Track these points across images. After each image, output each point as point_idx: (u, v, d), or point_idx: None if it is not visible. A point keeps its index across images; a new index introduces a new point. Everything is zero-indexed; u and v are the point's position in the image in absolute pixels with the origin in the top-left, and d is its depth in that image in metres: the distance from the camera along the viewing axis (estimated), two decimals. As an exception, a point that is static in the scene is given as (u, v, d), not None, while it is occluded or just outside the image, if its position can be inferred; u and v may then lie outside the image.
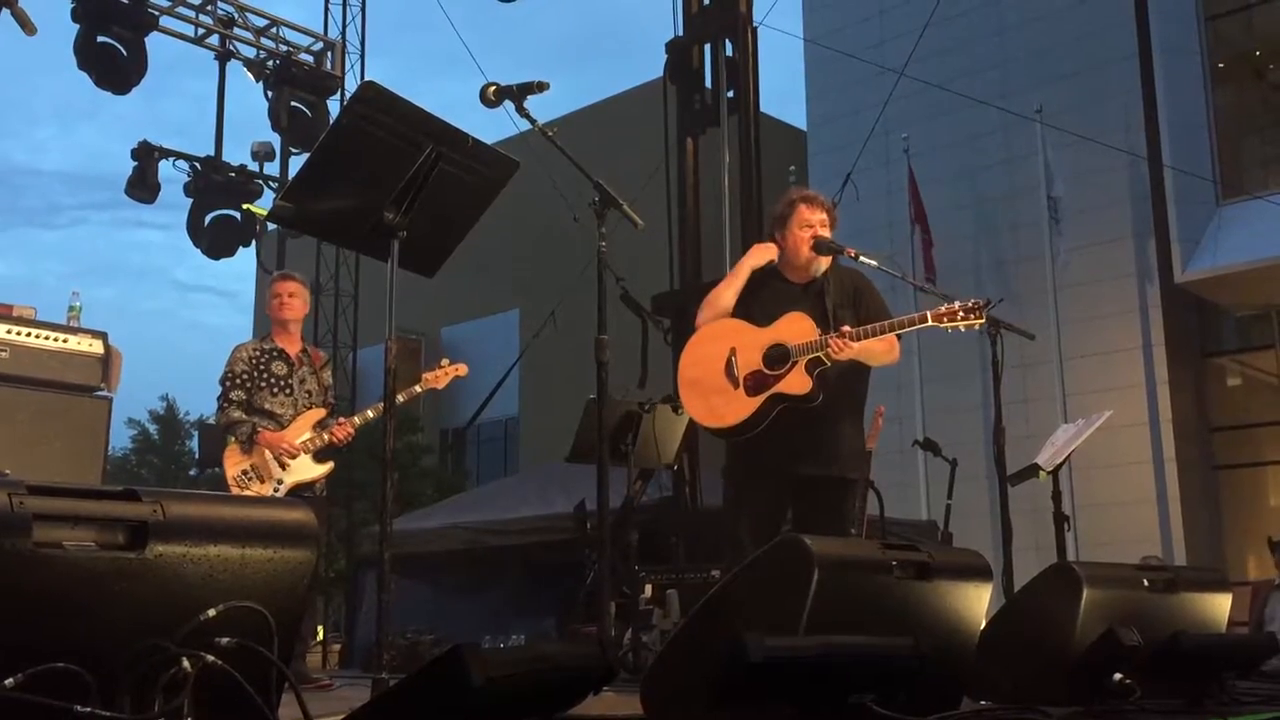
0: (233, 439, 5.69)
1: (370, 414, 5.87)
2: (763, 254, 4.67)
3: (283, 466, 5.65)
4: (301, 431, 5.75)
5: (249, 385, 5.75)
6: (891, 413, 9.84)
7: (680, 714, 2.91)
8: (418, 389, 5.89)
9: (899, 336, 4.50)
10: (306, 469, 5.74)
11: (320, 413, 5.88)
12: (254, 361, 5.81)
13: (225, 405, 5.74)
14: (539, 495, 10.54)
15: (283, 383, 5.82)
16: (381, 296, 3.95)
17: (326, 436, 5.77)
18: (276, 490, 5.57)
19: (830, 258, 4.60)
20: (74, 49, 10.05)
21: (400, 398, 5.84)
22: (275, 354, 5.88)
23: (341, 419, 5.86)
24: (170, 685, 2.07)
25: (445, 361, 6.06)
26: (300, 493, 5.63)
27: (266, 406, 5.74)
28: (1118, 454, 13.52)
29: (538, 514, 9.92)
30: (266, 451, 5.66)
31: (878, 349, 4.43)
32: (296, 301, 5.97)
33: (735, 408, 4.43)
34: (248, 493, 5.49)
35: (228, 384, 5.77)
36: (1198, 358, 15.23)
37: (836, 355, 4.27)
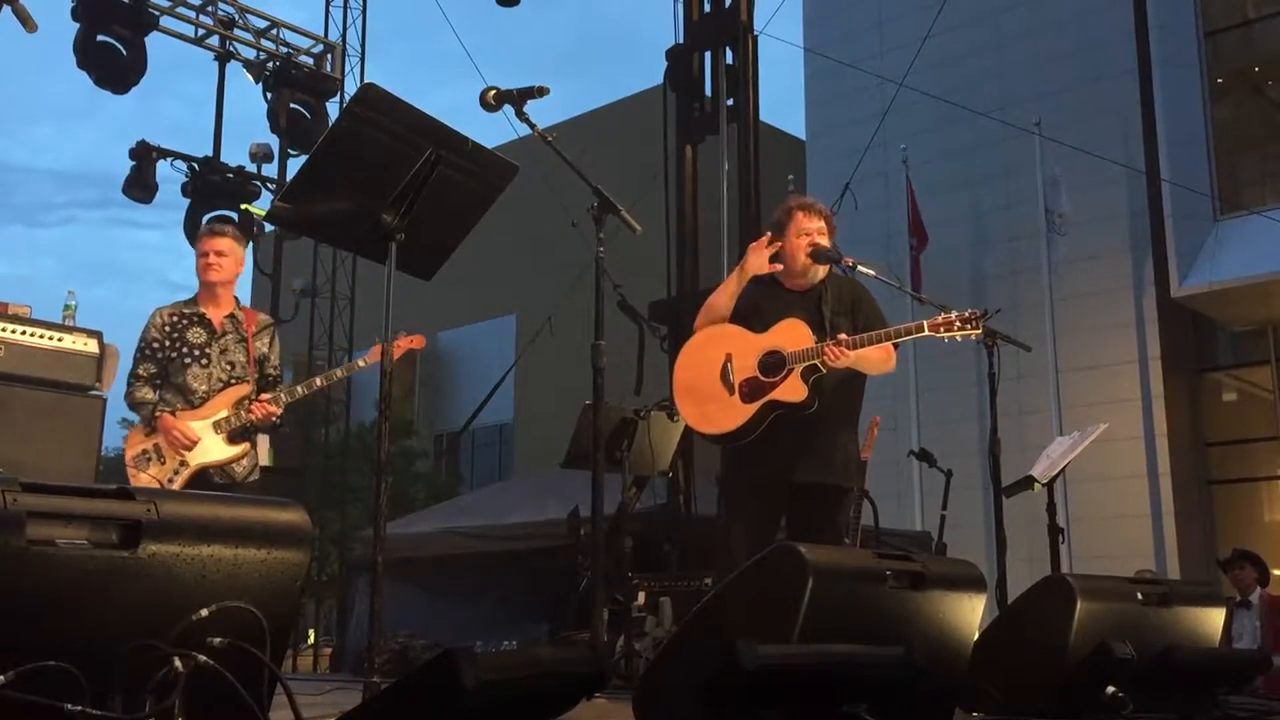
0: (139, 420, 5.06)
1: (301, 390, 5.22)
2: (758, 254, 4.61)
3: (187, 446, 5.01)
4: (218, 409, 5.03)
5: (162, 356, 5.06)
6: (887, 423, 9.84)
7: (672, 721, 2.91)
8: (361, 363, 5.29)
9: (896, 346, 4.50)
10: (215, 450, 5.01)
11: (243, 389, 5.11)
12: (168, 328, 5.08)
13: (133, 381, 5.06)
14: (533, 501, 10.52)
15: (198, 352, 5.06)
16: (378, 299, 3.95)
17: (245, 415, 5.04)
18: (177, 473, 4.94)
19: (828, 266, 4.60)
20: (74, 48, 10.05)
21: (339, 372, 5.46)
22: (195, 319, 5.12)
23: (264, 396, 5.10)
24: (162, 685, 2.06)
25: (403, 333, 5.29)
26: (211, 476, 5.01)
27: (179, 380, 5.04)
28: (1113, 467, 13.51)
29: (531, 520, 9.90)
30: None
31: (874, 358, 4.42)
32: (228, 261, 5.16)
33: (730, 414, 4.43)
34: (144, 476, 4.91)
35: (138, 356, 5.08)
36: (1193, 372, 15.22)
37: (832, 363, 4.27)
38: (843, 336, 4.29)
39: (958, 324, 4.26)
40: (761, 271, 4.56)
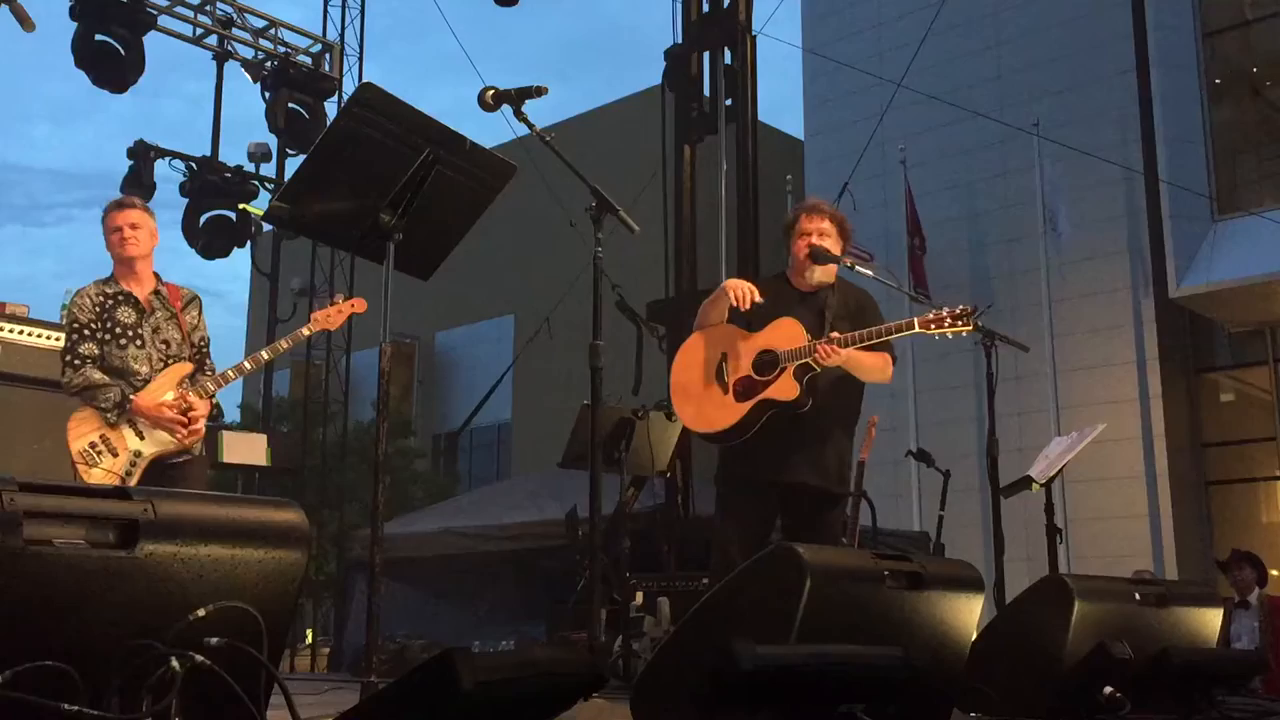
0: (89, 405, 4.64)
1: (232, 374, 4.92)
2: (736, 290, 4.48)
3: (140, 435, 4.64)
4: (164, 390, 4.69)
5: (100, 338, 4.71)
6: (885, 423, 9.84)
7: (670, 721, 2.91)
8: (305, 331, 5.03)
9: (894, 357, 4.49)
10: (169, 437, 4.69)
11: (186, 367, 4.81)
12: (98, 309, 4.73)
13: (77, 363, 4.65)
14: (531, 501, 10.52)
15: (131, 333, 4.73)
16: (376, 299, 3.95)
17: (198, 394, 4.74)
18: (134, 465, 4.61)
19: (833, 267, 4.59)
20: (71, 47, 10.04)
21: (284, 343, 5.05)
22: (121, 298, 4.78)
23: (206, 385, 4.78)
24: (159, 685, 2.06)
25: (340, 298, 5.11)
26: (168, 460, 4.69)
27: (117, 363, 4.68)
28: (1110, 468, 13.53)
29: (529, 520, 9.90)
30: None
31: (868, 363, 4.40)
32: (142, 234, 4.81)
33: (724, 413, 4.44)
34: (96, 471, 4.55)
35: (75, 337, 4.70)
36: (1191, 373, 15.23)
37: (824, 361, 4.26)
38: (834, 335, 4.29)
39: (948, 320, 4.24)
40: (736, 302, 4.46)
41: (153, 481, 4.59)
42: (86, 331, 4.69)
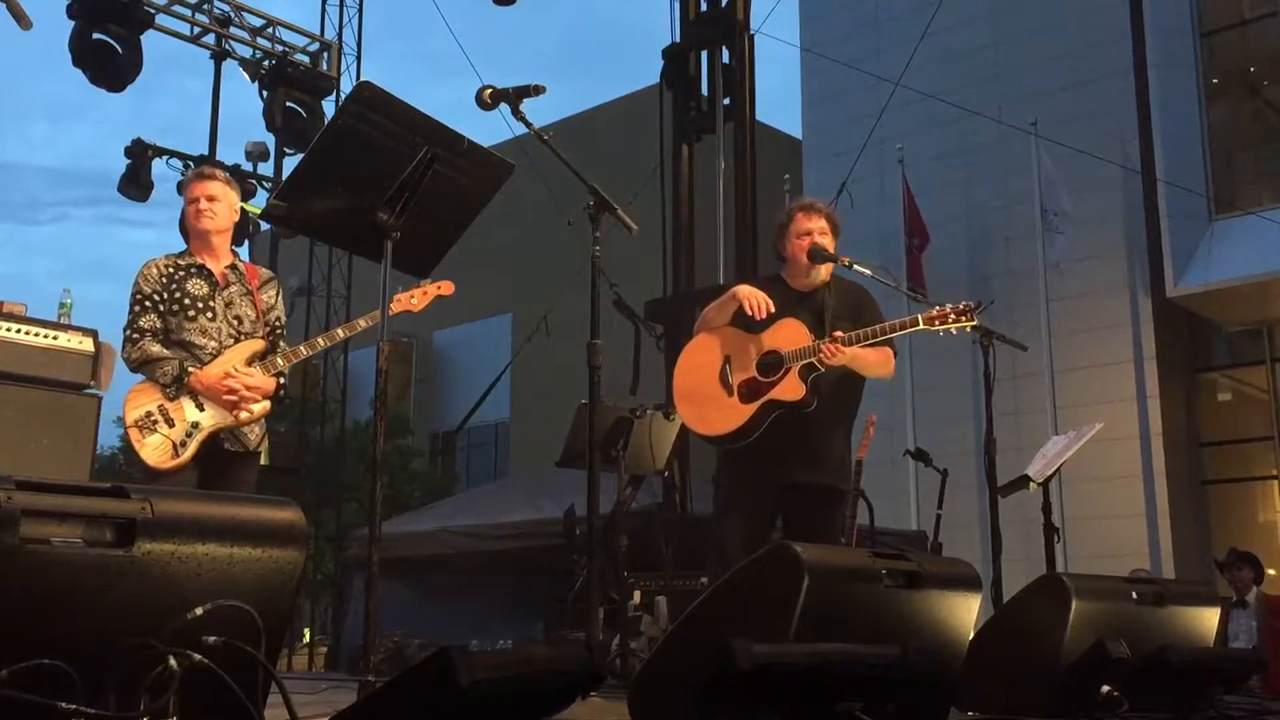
0: (149, 379, 4.48)
1: (304, 350, 4.82)
2: (750, 297, 4.49)
3: (200, 408, 4.46)
4: (229, 366, 4.53)
5: (163, 309, 4.53)
6: (883, 422, 9.84)
7: (668, 720, 2.91)
8: (362, 323, 4.80)
9: (895, 351, 4.50)
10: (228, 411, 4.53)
11: (257, 344, 4.63)
12: (165, 279, 4.55)
13: (135, 337, 4.48)
14: (528, 500, 10.52)
15: (202, 304, 4.55)
16: (374, 298, 3.95)
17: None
18: (190, 435, 4.43)
19: (830, 267, 4.59)
20: (69, 45, 10.03)
21: (363, 321, 4.80)
22: (193, 270, 4.60)
23: (271, 355, 4.63)
24: (156, 683, 2.06)
25: (425, 282, 4.86)
26: (222, 442, 4.52)
27: (184, 336, 4.51)
28: (1108, 467, 13.52)
29: (527, 518, 9.90)
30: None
31: (872, 359, 4.42)
32: (221, 207, 4.64)
33: (729, 415, 4.44)
34: (152, 439, 4.40)
35: (136, 309, 4.52)
36: (1189, 372, 15.24)
37: (829, 360, 4.27)
38: (838, 334, 4.30)
39: (951, 316, 4.27)
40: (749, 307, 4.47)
41: (204, 471, 4.47)
42: (149, 303, 4.53)
